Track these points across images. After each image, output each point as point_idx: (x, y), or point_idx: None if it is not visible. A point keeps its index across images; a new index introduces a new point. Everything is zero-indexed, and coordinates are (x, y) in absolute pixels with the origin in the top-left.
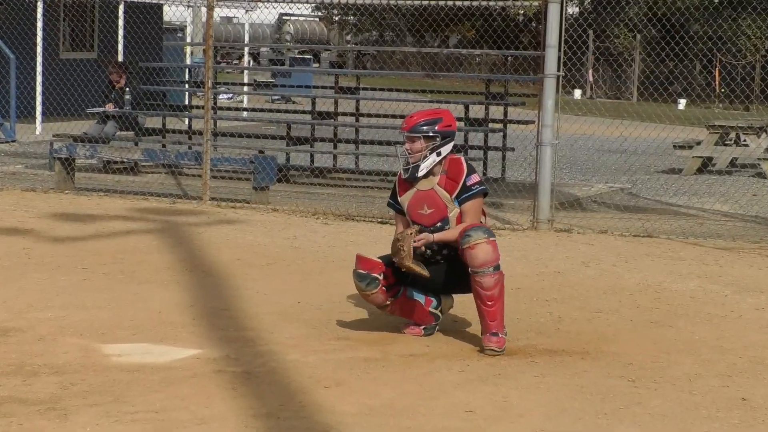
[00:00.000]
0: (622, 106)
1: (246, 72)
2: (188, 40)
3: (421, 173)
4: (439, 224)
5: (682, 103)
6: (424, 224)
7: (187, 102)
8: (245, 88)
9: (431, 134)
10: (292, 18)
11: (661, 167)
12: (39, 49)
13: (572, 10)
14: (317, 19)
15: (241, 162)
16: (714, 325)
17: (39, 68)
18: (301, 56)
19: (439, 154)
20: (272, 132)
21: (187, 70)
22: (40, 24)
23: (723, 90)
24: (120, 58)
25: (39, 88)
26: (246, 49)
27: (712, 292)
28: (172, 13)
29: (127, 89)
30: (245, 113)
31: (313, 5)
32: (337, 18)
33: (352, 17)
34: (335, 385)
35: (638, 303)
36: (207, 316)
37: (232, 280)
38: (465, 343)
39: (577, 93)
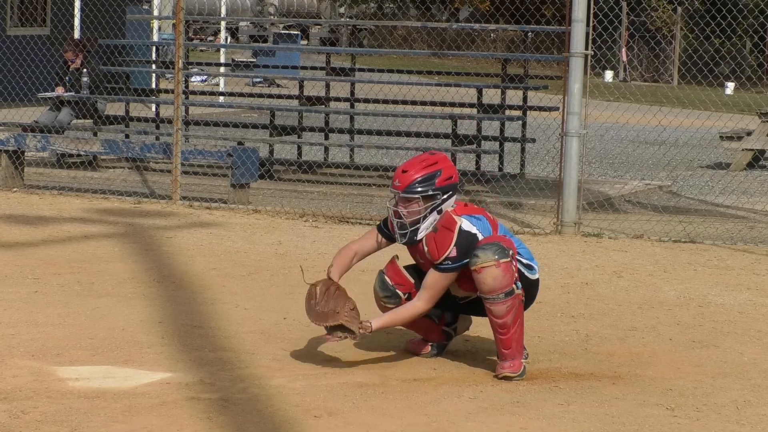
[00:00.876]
0: (661, 90)
1: (223, 50)
2: (155, 12)
3: (420, 236)
4: None
5: (730, 86)
6: (421, 267)
7: (154, 85)
8: (222, 69)
9: (431, 193)
10: None
11: (706, 162)
12: None
13: None
14: None
15: (218, 155)
16: (766, 345)
17: None
18: (286, 32)
19: (440, 212)
20: (253, 120)
21: (153, 48)
22: None
23: None
24: (76, 34)
25: None
26: (223, 23)
27: (765, 307)
28: None
29: (85, 70)
30: (222, 98)
31: None
32: None
33: None
34: (327, 414)
35: (679, 319)
36: (178, 334)
37: (206, 293)
38: (477, 365)
39: (609, 75)
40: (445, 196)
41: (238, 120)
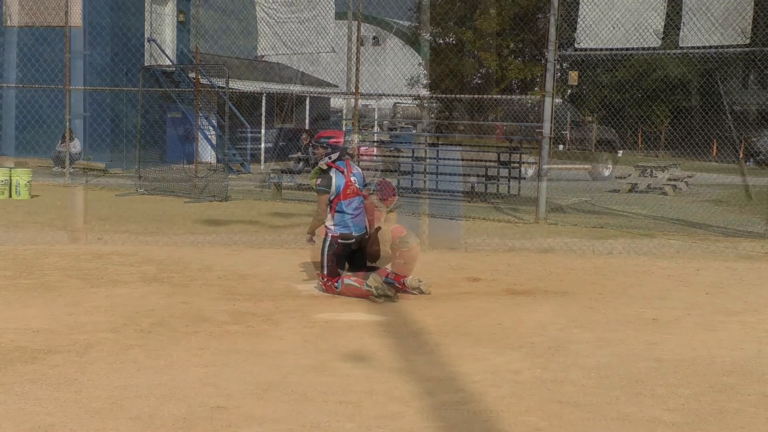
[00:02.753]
0: (586, 154)
1: (375, 134)
2: (344, 117)
3: (320, 164)
4: None
5: (621, 152)
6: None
7: None
8: (375, 143)
9: (324, 144)
10: (402, 104)
11: (609, 188)
12: (263, 121)
13: (558, 100)
14: (415, 105)
15: (373, 185)
16: (636, 277)
17: (263, 132)
18: (406, 125)
19: (330, 158)
20: (389, 167)
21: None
22: (263, 108)
23: (643, 145)
24: (306, 126)
25: (263, 144)
26: (375, 121)
27: (636, 258)
28: (335, 102)
29: (311, 146)
30: (375, 156)
31: (413, 98)
32: (426, 104)
33: (434, 103)
34: (425, 308)
35: (594, 265)
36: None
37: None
38: (494, 287)
39: (561, 147)
40: (330, 150)
41: (381, 168)
